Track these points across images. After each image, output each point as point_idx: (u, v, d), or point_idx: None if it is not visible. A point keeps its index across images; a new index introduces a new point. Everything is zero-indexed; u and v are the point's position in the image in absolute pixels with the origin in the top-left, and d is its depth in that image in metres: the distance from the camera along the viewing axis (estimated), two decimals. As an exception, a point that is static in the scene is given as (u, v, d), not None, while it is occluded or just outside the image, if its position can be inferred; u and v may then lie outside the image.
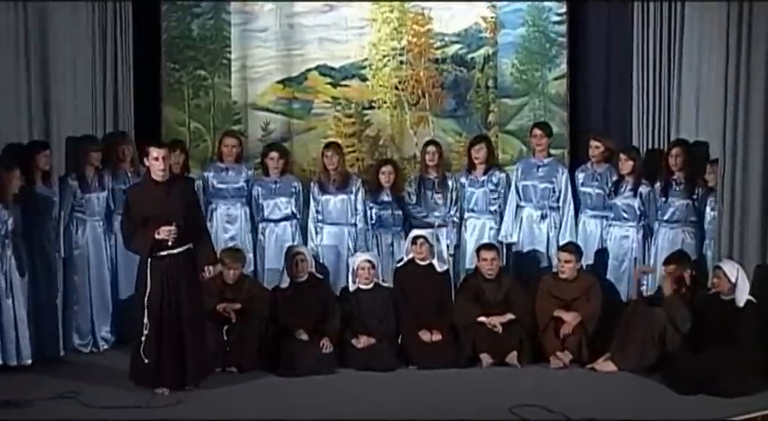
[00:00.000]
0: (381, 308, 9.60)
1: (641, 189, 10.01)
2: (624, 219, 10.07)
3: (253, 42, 11.28)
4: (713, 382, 8.28)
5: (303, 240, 10.29)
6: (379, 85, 11.37)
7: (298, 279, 9.62)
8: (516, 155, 11.14)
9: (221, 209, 10.38)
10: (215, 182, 10.40)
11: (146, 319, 8.24)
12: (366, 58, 11.35)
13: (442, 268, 9.88)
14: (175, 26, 11.22)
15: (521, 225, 10.37)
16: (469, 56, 11.38)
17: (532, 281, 9.88)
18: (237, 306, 9.29)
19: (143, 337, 8.25)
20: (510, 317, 9.54)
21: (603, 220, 10.22)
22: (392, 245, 10.38)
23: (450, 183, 10.47)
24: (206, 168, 10.64)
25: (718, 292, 8.71)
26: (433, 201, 10.42)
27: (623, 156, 10.08)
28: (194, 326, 8.40)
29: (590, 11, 11.27)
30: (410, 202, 10.42)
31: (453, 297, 9.87)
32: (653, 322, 9.03)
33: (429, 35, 11.37)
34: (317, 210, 10.37)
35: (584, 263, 9.82)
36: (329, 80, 11.35)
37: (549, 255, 10.26)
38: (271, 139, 11.14)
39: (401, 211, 10.38)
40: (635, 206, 10.00)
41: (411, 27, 11.35)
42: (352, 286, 9.69)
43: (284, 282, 9.65)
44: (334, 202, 10.33)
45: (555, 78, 11.32)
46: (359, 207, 10.34)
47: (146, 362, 8.27)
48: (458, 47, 11.39)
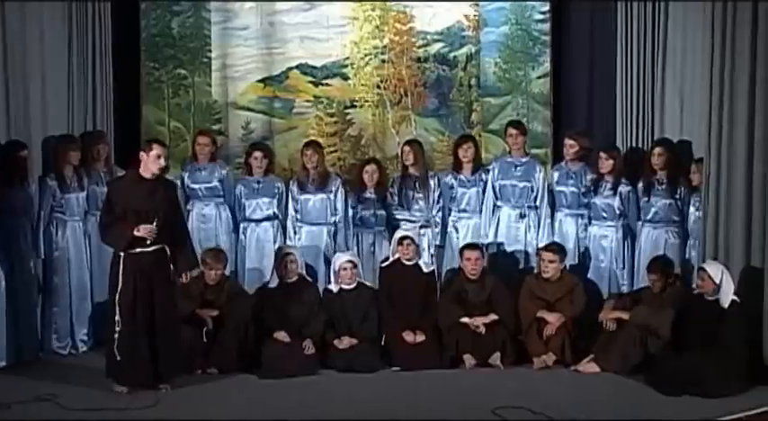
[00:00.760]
0: (364, 308, 9.62)
1: (621, 188, 10.03)
2: (603, 218, 10.10)
3: (233, 41, 11.29)
4: (697, 383, 8.32)
5: (284, 241, 10.29)
6: (361, 84, 11.40)
7: (287, 280, 9.64)
8: (499, 154, 11.12)
9: (197, 209, 10.40)
10: (189, 182, 10.40)
11: (117, 317, 8.27)
12: (348, 57, 11.37)
13: (428, 268, 9.92)
14: (155, 24, 11.23)
15: (498, 225, 10.39)
16: (452, 54, 11.42)
17: (510, 281, 9.90)
18: (215, 312, 9.30)
19: (115, 335, 8.27)
20: (493, 317, 9.58)
21: (579, 219, 10.25)
22: (373, 245, 10.40)
23: (432, 183, 10.50)
24: (183, 168, 10.64)
25: (702, 293, 8.76)
26: (415, 201, 10.45)
27: (603, 155, 10.10)
28: (167, 324, 8.42)
29: (573, 9, 11.31)
30: (392, 202, 10.45)
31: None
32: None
33: (411, 33, 11.40)
34: (295, 210, 10.37)
35: (567, 263, 9.85)
36: (310, 79, 11.37)
37: (528, 255, 10.30)
38: (251, 139, 11.16)
39: (383, 211, 10.41)
40: (614, 205, 10.03)
41: (393, 25, 11.38)
42: (335, 286, 9.70)
43: (273, 282, 9.68)
44: (313, 202, 10.33)
45: (538, 77, 11.37)
46: (338, 206, 10.35)
47: (118, 359, 8.29)
48: (440, 45, 11.42)
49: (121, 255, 8.29)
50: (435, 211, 10.48)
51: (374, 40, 11.36)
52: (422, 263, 9.91)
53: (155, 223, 8.25)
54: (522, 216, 10.34)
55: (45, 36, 9.88)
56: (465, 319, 9.55)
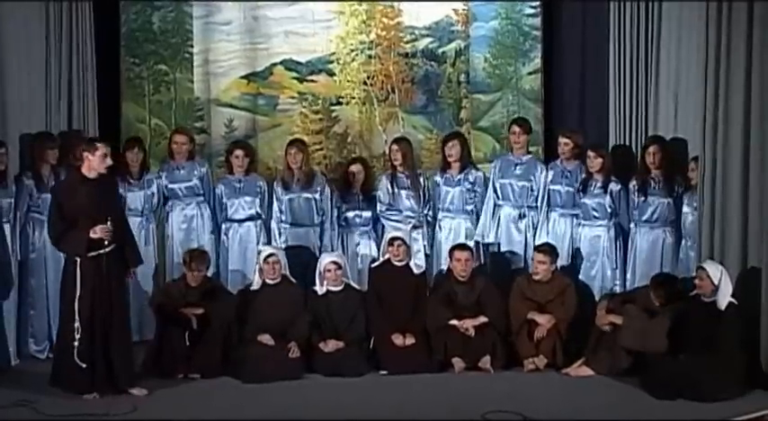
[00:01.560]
0: (351, 310, 9.60)
1: (611, 186, 10.02)
2: (594, 217, 10.08)
3: (216, 36, 11.26)
4: (693, 387, 8.31)
5: (268, 241, 10.26)
6: (347, 81, 11.37)
7: (270, 281, 9.61)
8: (489, 152, 11.17)
9: (177, 209, 10.36)
10: (167, 181, 10.36)
11: (77, 323, 8.20)
12: (333, 52, 11.35)
13: (419, 270, 9.90)
14: (135, 19, 11.18)
15: (498, 225, 10.37)
16: (440, 50, 11.40)
17: (509, 283, 9.87)
18: (200, 310, 9.27)
19: (75, 342, 8.21)
20: (483, 320, 9.56)
21: (573, 219, 10.24)
22: (358, 245, 10.39)
23: (423, 182, 10.47)
24: (160, 167, 10.59)
25: (699, 295, 8.74)
26: (408, 201, 10.42)
27: (592, 154, 10.07)
28: (122, 327, 8.39)
29: (565, 3, 11.30)
30: (383, 203, 10.42)
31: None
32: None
33: (398, 28, 11.38)
34: (280, 210, 10.33)
35: (558, 263, 9.83)
36: (295, 75, 11.35)
37: (527, 256, 10.26)
38: (234, 136, 11.13)
39: (369, 212, 10.38)
40: (605, 204, 10.01)
41: (380, 20, 11.36)
42: (321, 288, 9.67)
43: (256, 284, 9.64)
44: (298, 202, 10.29)
45: (529, 73, 11.35)
46: (324, 206, 10.32)
47: (83, 366, 8.23)
48: (428, 40, 11.40)
49: (77, 259, 8.22)
50: (428, 211, 10.45)
51: (361, 35, 11.34)
52: (413, 264, 9.87)
53: (109, 223, 8.19)
54: (522, 216, 10.32)
55: (22, 30, 9.83)
56: (454, 322, 9.53)
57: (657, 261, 9.82)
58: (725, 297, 8.60)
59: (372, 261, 10.07)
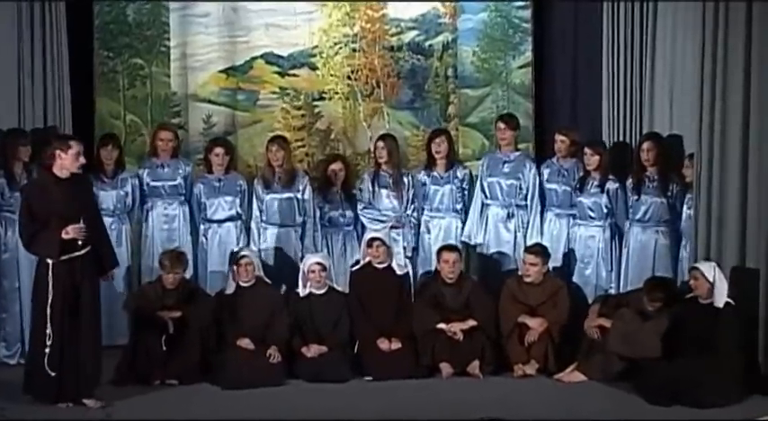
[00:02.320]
0: (334, 313, 9.59)
1: (609, 185, 10.01)
2: (590, 217, 10.08)
3: (193, 28, 11.20)
4: (690, 392, 8.31)
5: (248, 243, 10.23)
6: (330, 75, 11.33)
7: (244, 284, 9.57)
8: (478, 149, 11.15)
9: (158, 208, 10.33)
10: (149, 179, 10.33)
11: (49, 330, 8.14)
12: (316, 46, 11.30)
13: (401, 271, 9.87)
14: (109, 11, 11.11)
15: (486, 225, 10.35)
16: (427, 43, 11.37)
17: (498, 285, 9.86)
18: (177, 313, 9.23)
19: (46, 349, 8.14)
20: (471, 323, 9.55)
21: (570, 219, 10.23)
22: (344, 246, 10.37)
23: (407, 181, 10.45)
24: (141, 165, 10.56)
25: (695, 296, 8.74)
26: (388, 200, 10.40)
27: (588, 151, 10.07)
28: (92, 332, 8.31)
29: (556, -5, 11.31)
30: (362, 201, 10.39)
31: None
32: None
33: (384, 21, 11.35)
34: (260, 210, 10.31)
35: (550, 265, 9.82)
36: (276, 69, 11.30)
37: (516, 257, 10.24)
38: (213, 133, 11.08)
39: (352, 211, 10.36)
40: (602, 204, 10.01)
41: (364, 12, 11.32)
42: (303, 290, 9.64)
43: (230, 287, 9.61)
44: (279, 201, 10.27)
45: (519, 67, 11.33)
46: (307, 206, 10.30)
47: (52, 375, 8.17)
48: (415, 33, 11.38)
49: (50, 262, 8.16)
50: (411, 211, 10.42)
51: (344, 27, 11.30)
52: (395, 265, 9.84)
53: (82, 222, 8.12)
54: (510, 215, 10.30)
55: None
56: (441, 325, 9.52)
57: (650, 263, 9.79)
58: (721, 295, 8.63)
59: (356, 263, 10.03)
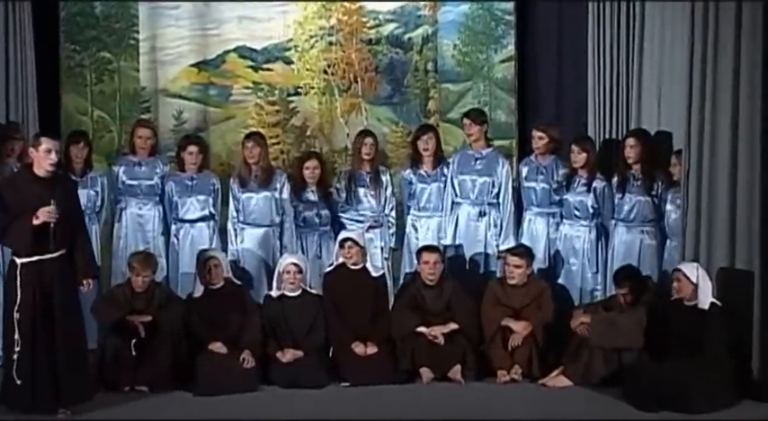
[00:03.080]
0: (309, 317, 9.58)
1: (596, 184, 10.03)
2: (576, 217, 10.10)
3: (163, 21, 11.21)
4: (679, 397, 8.32)
5: (222, 243, 10.23)
6: (306, 69, 11.36)
7: (212, 286, 9.58)
8: (459, 146, 11.11)
9: (132, 208, 10.32)
10: (125, 178, 10.32)
11: (17, 335, 8.09)
12: (291, 39, 11.33)
13: (377, 273, 9.88)
14: (75, 2, 11.11)
15: (456, 224, 10.35)
16: (406, 36, 11.40)
17: (469, 286, 9.87)
18: (148, 318, 9.22)
19: (15, 356, 8.10)
20: (453, 327, 9.54)
21: (550, 218, 10.26)
22: (319, 247, 10.36)
23: (385, 179, 10.46)
24: (115, 162, 10.54)
25: (680, 298, 8.78)
26: (366, 199, 10.41)
27: (576, 148, 10.09)
28: (70, 341, 8.21)
29: (540, -14, 11.33)
30: (339, 200, 10.40)
31: (391, 305, 9.86)
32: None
33: (361, 13, 11.38)
34: (236, 210, 10.31)
35: (534, 266, 9.83)
36: (250, 63, 11.33)
37: (488, 257, 10.28)
38: (184, 130, 11.10)
39: (328, 210, 10.36)
40: (588, 203, 10.03)
41: (341, 4, 11.35)
42: (276, 292, 9.65)
43: (198, 290, 9.60)
44: (256, 200, 10.27)
45: (501, 61, 11.37)
46: (285, 205, 10.30)
47: (18, 383, 8.11)
48: (393, 26, 11.40)
49: (18, 264, 8.10)
50: (389, 210, 10.43)
51: (320, 19, 11.32)
52: (370, 266, 9.86)
53: (53, 204, 8.05)
54: (482, 214, 10.31)
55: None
56: (422, 329, 9.51)
57: (634, 264, 9.77)
58: (706, 296, 8.67)
59: (330, 265, 10.04)
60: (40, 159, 8.13)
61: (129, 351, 9.09)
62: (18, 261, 8.11)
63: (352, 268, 9.78)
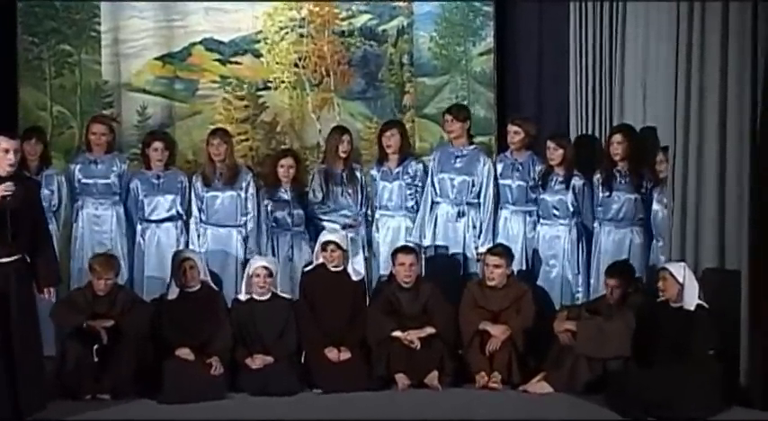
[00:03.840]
0: (280, 321, 9.56)
1: (574, 181, 10.04)
2: (555, 216, 10.10)
3: (126, 12, 11.16)
4: (665, 404, 8.32)
5: (188, 244, 10.18)
6: (276, 63, 11.33)
7: (187, 289, 9.54)
8: (436, 142, 11.14)
9: (89, 208, 10.27)
10: (81, 176, 10.27)
11: None
12: (260, 31, 11.31)
13: (358, 276, 9.86)
14: (33, -7, 11.09)
15: (435, 224, 10.34)
16: (381, 28, 11.39)
17: (447, 289, 9.85)
18: (110, 322, 9.16)
19: None
20: (429, 331, 9.54)
21: (527, 216, 10.25)
22: (291, 249, 10.31)
23: (360, 177, 10.45)
24: (72, 160, 10.49)
25: (667, 300, 8.79)
26: (343, 199, 10.39)
27: (552, 144, 10.08)
28: (28, 348, 8.14)
29: (520, -24, 11.33)
30: (315, 201, 10.36)
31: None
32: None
33: (333, 4, 11.37)
34: (200, 209, 10.28)
35: (514, 267, 9.83)
36: (217, 56, 11.30)
37: (467, 259, 10.27)
38: (148, 126, 11.04)
39: (302, 210, 10.32)
40: (567, 201, 10.03)
41: (313, -6, 11.34)
42: (245, 296, 9.61)
43: (172, 292, 9.56)
44: (221, 200, 10.25)
45: (480, 54, 11.37)
46: (249, 205, 10.27)
47: None
48: (367, 17, 11.39)
49: None
50: (366, 209, 10.44)
51: (291, 11, 11.31)
52: (351, 269, 9.84)
53: (8, 183, 7.97)
54: (461, 215, 10.29)
55: None
56: (397, 333, 9.50)
57: (624, 265, 9.82)
58: (692, 297, 8.66)
59: (306, 265, 10.00)
60: None
61: (91, 357, 9.03)
62: None
63: (333, 270, 9.76)
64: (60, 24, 11.07)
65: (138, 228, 10.29)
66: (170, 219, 10.28)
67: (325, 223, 10.29)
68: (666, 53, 9.52)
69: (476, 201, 10.31)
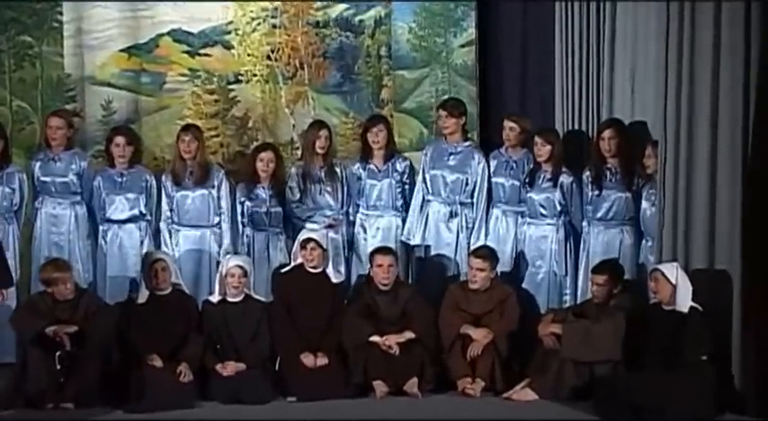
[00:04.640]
0: (253, 324, 9.54)
1: (562, 179, 10.04)
2: (542, 215, 10.10)
3: (90, 1, 11.08)
4: (656, 410, 8.34)
5: (156, 246, 10.14)
6: (248, 55, 11.30)
7: (158, 292, 9.50)
8: (416, 138, 11.14)
9: (47, 208, 10.23)
10: (40, 174, 10.24)
11: None
12: (231, 22, 11.27)
13: (337, 279, 9.83)
14: (-10, -20, 11.03)
15: (426, 223, 10.32)
16: (357, 18, 11.37)
17: (438, 293, 9.84)
18: (73, 328, 9.11)
19: None
20: (409, 335, 9.53)
21: (519, 217, 10.24)
22: (267, 249, 10.29)
23: (341, 173, 10.43)
24: (33, 157, 10.44)
25: (659, 302, 8.78)
26: (322, 197, 10.36)
27: (539, 140, 10.07)
28: None
29: (502, -36, 11.31)
30: (292, 199, 10.32)
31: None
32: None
33: (308, -7, 11.34)
34: (170, 209, 10.25)
35: (498, 269, 9.81)
36: (185, 48, 11.26)
37: (458, 260, 10.25)
38: (114, 121, 11.00)
39: (280, 209, 10.28)
40: (555, 200, 10.03)
41: (286, -18, 11.31)
42: (217, 297, 9.57)
43: (142, 296, 9.52)
44: (192, 199, 10.23)
45: (461, 46, 11.34)
46: (222, 204, 10.24)
47: None
48: (343, 7, 11.37)
49: None
50: (347, 208, 10.41)
51: (263, 0, 11.22)
52: (331, 271, 9.80)
53: None
54: (453, 215, 10.27)
55: None
56: (375, 338, 9.48)
57: (614, 266, 9.81)
58: (685, 299, 8.68)
59: (281, 266, 9.96)
60: None
61: (53, 364, 8.98)
62: None
63: (311, 271, 9.73)
64: (20, 14, 11.02)
65: (100, 228, 10.26)
66: (132, 219, 10.23)
67: (302, 222, 10.26)
68: (655, 31, 9.53)
69: (469, 201, 10.31)
